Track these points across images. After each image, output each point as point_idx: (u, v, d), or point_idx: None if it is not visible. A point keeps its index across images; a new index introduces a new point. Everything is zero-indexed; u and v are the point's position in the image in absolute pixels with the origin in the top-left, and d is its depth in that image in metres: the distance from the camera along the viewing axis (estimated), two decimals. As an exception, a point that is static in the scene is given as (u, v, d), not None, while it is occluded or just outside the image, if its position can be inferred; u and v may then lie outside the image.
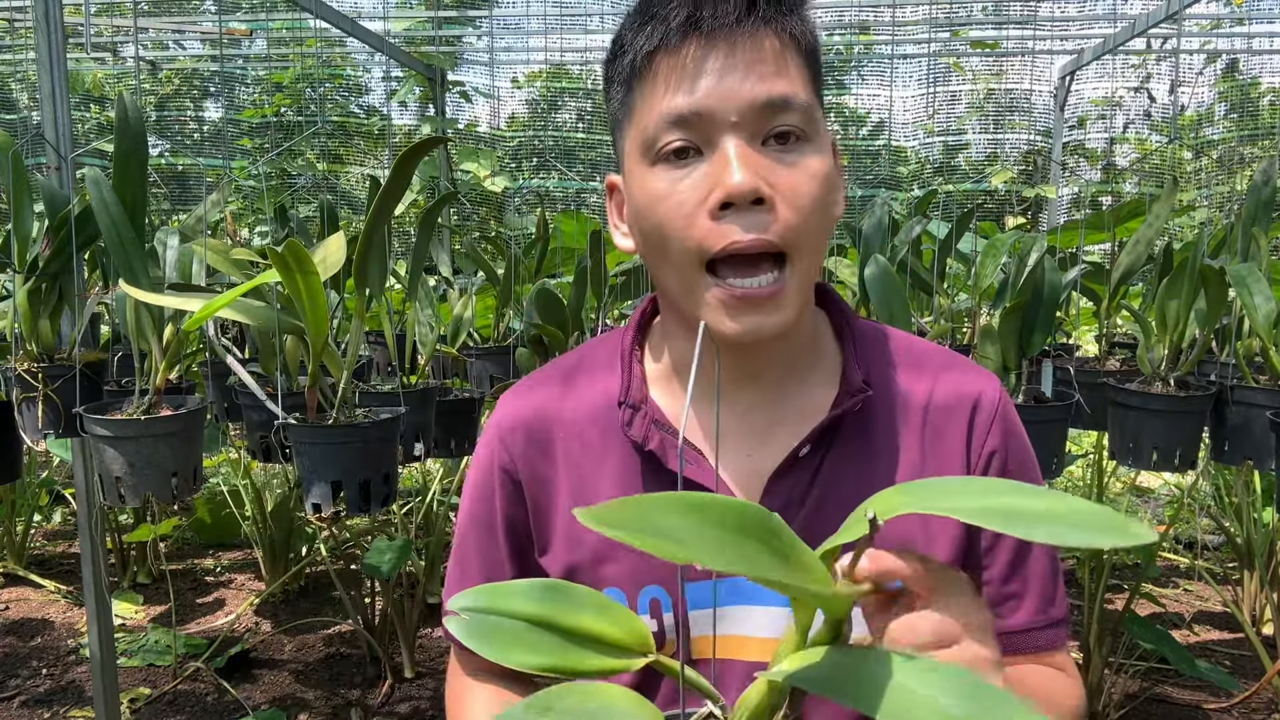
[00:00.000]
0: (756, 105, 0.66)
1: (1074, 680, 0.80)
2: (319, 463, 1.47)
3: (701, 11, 0.67)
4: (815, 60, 0.71)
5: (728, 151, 0.66)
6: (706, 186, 0.66)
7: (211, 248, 1.76)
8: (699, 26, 0.67)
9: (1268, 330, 1.66)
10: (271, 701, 2.62)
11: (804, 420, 0.77)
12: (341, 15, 3.12)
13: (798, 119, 0.67)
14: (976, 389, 0.80)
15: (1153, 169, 5.76)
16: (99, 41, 5.14)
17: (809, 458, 0.76)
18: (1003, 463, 0.79)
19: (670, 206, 0.68)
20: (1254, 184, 1.82)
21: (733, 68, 0.66)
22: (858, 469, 0.77)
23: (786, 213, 0.66)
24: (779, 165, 0.67)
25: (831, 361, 0.81)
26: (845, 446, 0.77)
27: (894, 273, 1.77)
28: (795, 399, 0.79)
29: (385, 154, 5.83)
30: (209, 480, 3.71)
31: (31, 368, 1.68)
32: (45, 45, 1.73)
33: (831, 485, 0.76)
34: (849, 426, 0.77)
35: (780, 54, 0.67)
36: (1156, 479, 4.51)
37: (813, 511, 0.76)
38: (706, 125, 0.67)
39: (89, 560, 1.94)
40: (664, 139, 0.68)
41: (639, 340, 0.84)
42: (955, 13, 4.67)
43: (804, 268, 0.69)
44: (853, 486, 0.76)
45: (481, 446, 0.86)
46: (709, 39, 0.67)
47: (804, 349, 0.79)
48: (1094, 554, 2.50)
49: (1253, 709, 2.55)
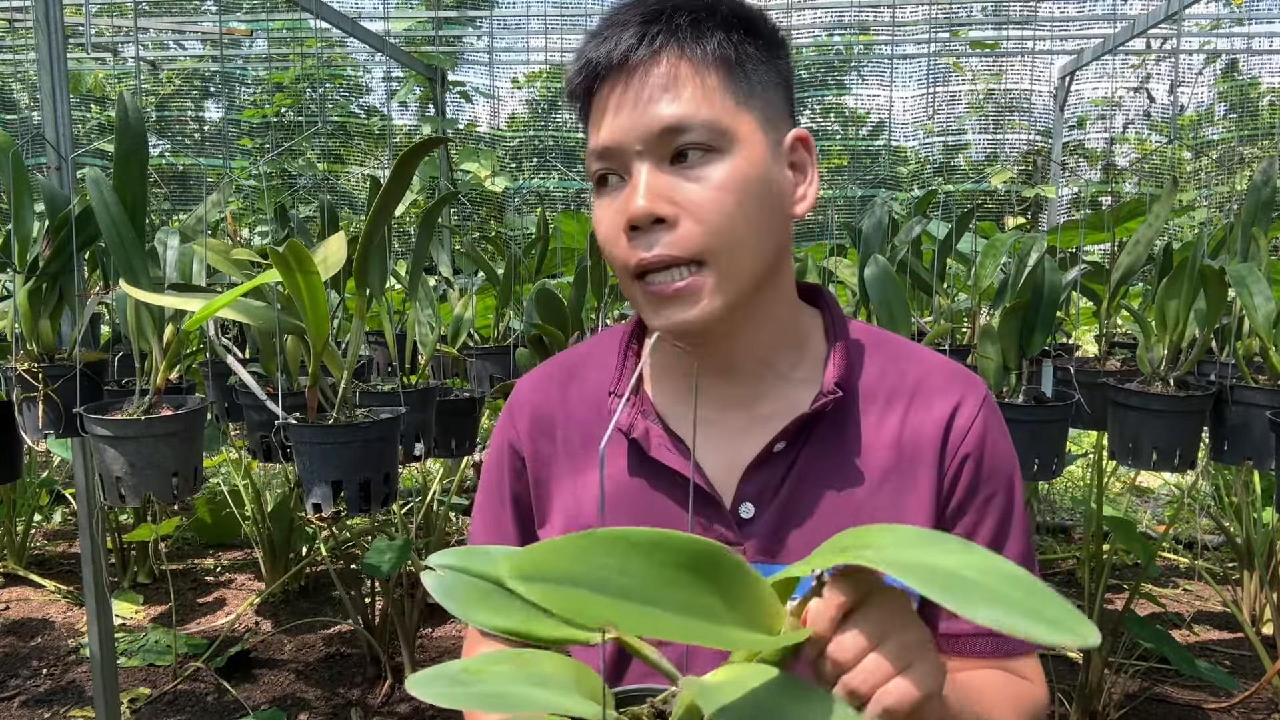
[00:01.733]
0: (654, 132, 0.71)
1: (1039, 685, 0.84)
2: (319, 463, 1.47)
3: (613, 52, 0.73)
4: (737, 72, 0.74)
5: (636, 179, 0.72)
6: (622, 211, 0.73)
7: (212, 248, 1.76)
8: (611, 65, 0.74)
9: (1268, 330, 1.66)
10: (271, 701, 2.62)
11: (785, 416, 0.80)
12: (341, 15, 3.12)
13: (699, 136, 0.71)
14: (958, 396, 0.82)
15: (1152, 169, 5.76)
16: (99, 41, 5.14)
17: (784, 453, 0.79)
18: (975, 467, 0.81)
19: (604, 230, 0.76)
20: (1254, 184, 1.82)
21: (633, 100, 0.72)
22: (831, 466, 0.80)
23: (690, 226, 0.71)
24: (685, 182, 0.72)
25: (817, 361, 0.84)
26: (820, 444, 0.80)
27: (894, 273, 1.77)
28: (776, 396, 0.82)
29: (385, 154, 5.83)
30: (209, 480, 3.71)
31: (32, 368, 1.68)
32: (45, 45, 1.73)
33: (804, 480, 0.79)
34: (825, 425, 0.80)
35: (678, 78, 0.72)
36: (1156, 479, 4.51)
37: (784, 504, 0.79)
38: (620, 156, 0.73)
39: (89, 560, 1.94)
40: (594, 170, 0.76)
41: (638, 335, 0.88)
42: (955, 13, 4.67)
43: (725, 267, 0.73)
44: (825, 483, 0.79)
45: (498, 424, 0.92)
46: (617, 76, 0.74)
47: (783, 347, 0.82)
48: (1094, 554, 2.51)
49: (1253, 709, 2.55)
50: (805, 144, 0.78)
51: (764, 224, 0.74)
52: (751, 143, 0.73)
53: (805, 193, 0.78)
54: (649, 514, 0.80)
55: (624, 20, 0.74)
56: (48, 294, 1.70)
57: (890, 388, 0.82)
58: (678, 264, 0.72)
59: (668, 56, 0.72)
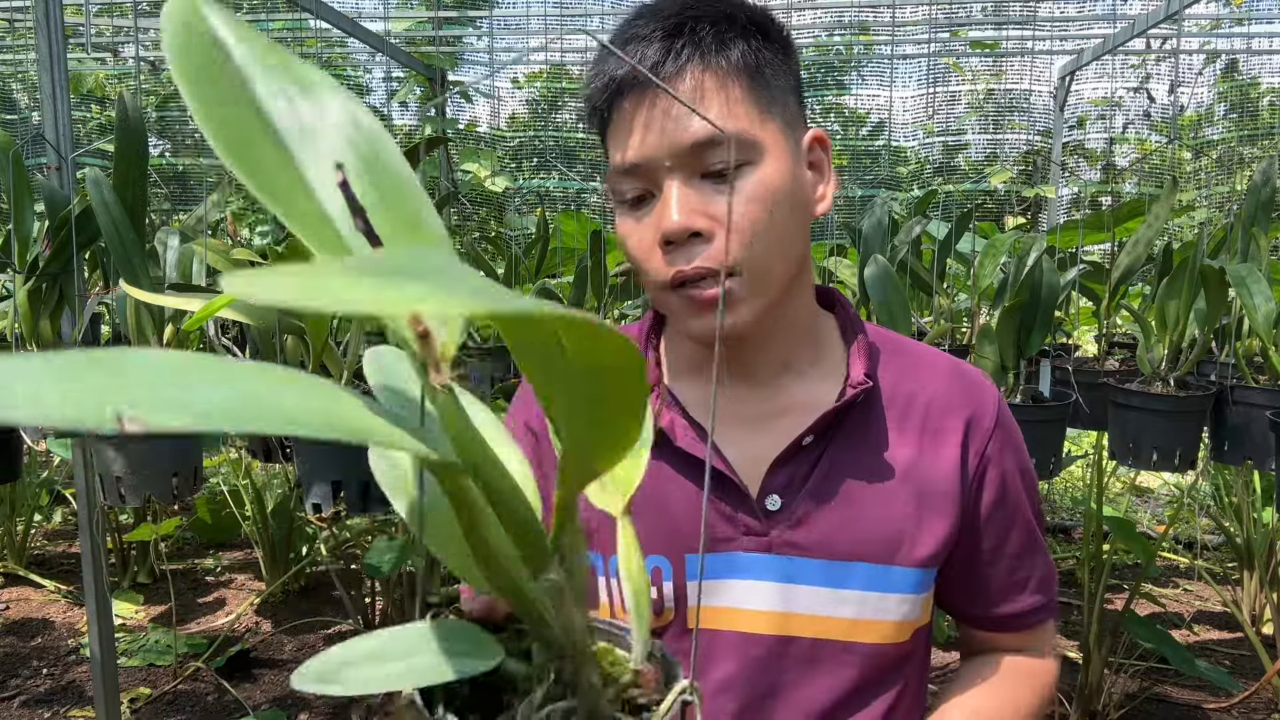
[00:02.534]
0: (684, 147, 0.72)
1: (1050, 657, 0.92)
2: (319, 463, 1.47)
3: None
4: (759, 80, 0.75)
5: (668, 195, 0.73)
6: (655, 227, 0.74)
7: (212, 248, 1.76)
8: (633, 81, 0.73)
9: (1268, 330, 1.66)
10: (271, 701, 2.62)
11: (806, 412, 0.81)
12: (342, 15, 3.12)
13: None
14: (977, 397, 0.86)
15: (1152, 169, 5.76)
16: (99, 41, 5.14)
17: (812, 446, 0.81)
18: (1000, 473, 0.85)
19: (634, 244, 0.77)
20: (1254, 184, 1.82)
21: (659, 117, 0.72)
22: (857, 459, 0.82)
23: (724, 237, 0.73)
24: (718, 195, 0.73)
25: (835, 359, 0.86)
26: (846, 438, 0.82)
27: (894, 273, 1.77)
28: (793, 393, 0.84)
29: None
30: (209, 480, 3.71)
31: (32, 368, 1.68)
32: (45, 45, 1.73)
33: (832, 473, 0.81)
34: (851, 420, 0.82)
35: (704, 92, 0.73)
36: (1156, 479, 4.51)
37: (813, 496, 0.80)
38: (650, 173, 0.74)
39: (89, 560, 1.94)
40: (620, 188, 0.76)
41: (656, 329, 0.90)
42: (955, 13, 4.67)
43: (759, 275, 0.75)
44: (851, 475, 0.81)
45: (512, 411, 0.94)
46: (640, 91, 0.73)
47: (801, 347, 0.84)
48: (1094, 554, 2.51)
49: (1253, 709, 2.55)
50: (822, 144, 0.80)
51: (791, 230, 0.76)
52: (777, 151, 0.75)
53: (824, 192, 0.80)
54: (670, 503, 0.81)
55: (646, 34, 0.74)
56: (48, 294, 1.70)
57: (910, 386, 0.85)
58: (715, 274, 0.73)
59: (692, 70, 0.72)
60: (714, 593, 0.81)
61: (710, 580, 0.81)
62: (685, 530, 0.81)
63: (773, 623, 0.80)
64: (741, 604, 0.81)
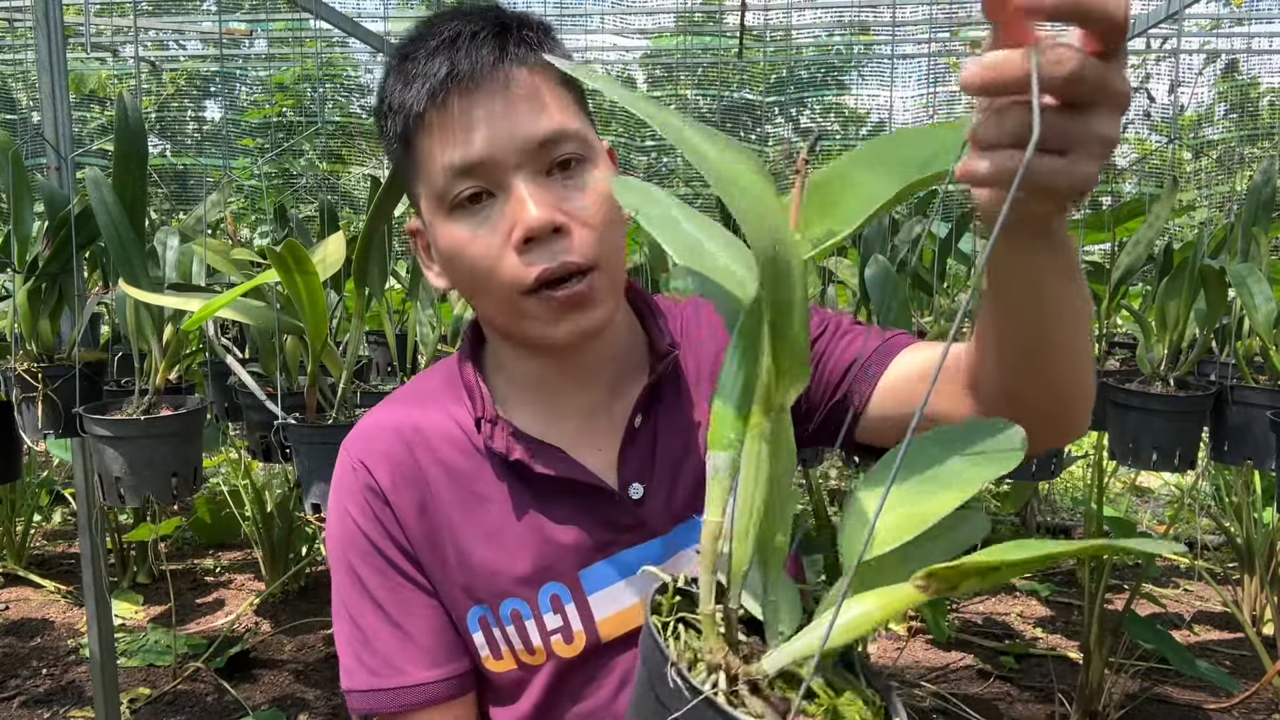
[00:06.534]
0: (533, 144, 0.71)
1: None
2: (319, 463, 1.47)
3: (459, 65, 0.71)
4: (576, 84, 0.76)
5: (520, 192, 0.71)
6: (506, 227, 0.71)
7: (211, 248, 1.76)
8: (460, 79, 0.71)
9: (1268, 330, 1.66)
10: (271, 701, 2.62)
11: (629, 394, 0.83)
12: (342, 16, 3.12)
13: (574, 146, 0.73)
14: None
15: (1153, 169, 5.76)
16: (99, 41, 5.14)
17: (644, 426, 0.82)
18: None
19: (478, 250, 0.73)
20: (1254, 184, 1.82)
21: (501, 113, 0.71)
22: (681, 422, 0.83)
23: (583, 233, 0.72)
24: (569, 191, 0.73)
25: (642, 341, 0.86)
26: (668, 406, 0.83)
27: (894, 273, 1.77)
28: (627, 387, 0.84)
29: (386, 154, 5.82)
30: (209, 480, 3.71)
31: (31, 368, 1.68)
32: (45, 45, 1.73)
33: (668, 443, 0.82)
34: (665, 388, 0.83)
35: (539, 89, 0.72)
36: (1156, 479, 4.51)
37: (664, 472, 0.81)
38: (493, 171, 0.71)
39: (89, 560, 1.94)
40: (455, 189, 0.72)
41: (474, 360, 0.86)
42: (955, 13, 4.67)
43: (608, 270, 0.75)
44: (681, 439, 0.82)
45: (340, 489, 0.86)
46: (471, 88, 0.71)
47: (622, 342, 0.85)
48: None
49: (1253, 709, 2.55)
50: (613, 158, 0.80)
51: (622, 224, 0.77)
52: (600, 150, 0.77)
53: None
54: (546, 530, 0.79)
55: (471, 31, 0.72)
56: (47, 294, 1.70)
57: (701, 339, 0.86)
58: (579, 271, 0.72)
59: (527, 68, 0.72)
60: (615, 599, 0.80)
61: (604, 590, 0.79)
62: (570, 548, 0.79)
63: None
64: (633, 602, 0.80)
